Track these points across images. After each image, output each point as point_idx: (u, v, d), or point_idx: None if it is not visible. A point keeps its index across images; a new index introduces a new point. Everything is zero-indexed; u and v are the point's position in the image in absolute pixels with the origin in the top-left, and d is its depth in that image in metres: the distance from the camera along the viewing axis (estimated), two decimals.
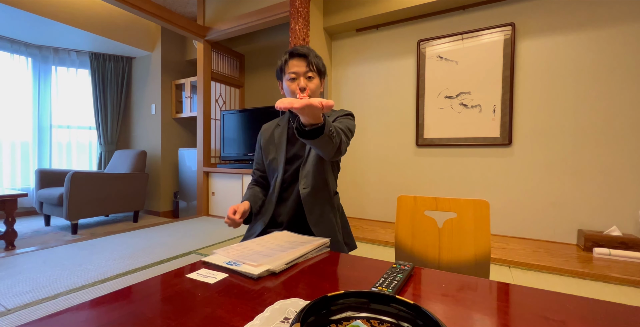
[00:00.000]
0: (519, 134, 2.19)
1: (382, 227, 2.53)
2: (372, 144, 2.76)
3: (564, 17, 2.04)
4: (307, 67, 1.01)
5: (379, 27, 2.68)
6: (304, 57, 1.01)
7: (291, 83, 1.01)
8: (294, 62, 1.02)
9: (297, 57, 1.02)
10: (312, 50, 1.03)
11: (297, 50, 1.02)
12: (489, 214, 1.07)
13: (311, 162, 1.16)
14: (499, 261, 1.74)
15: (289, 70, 1.01)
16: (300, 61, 1.01)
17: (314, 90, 1.03)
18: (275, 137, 1.20)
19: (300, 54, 1.01)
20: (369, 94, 2.77)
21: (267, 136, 1.21)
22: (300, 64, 1.01)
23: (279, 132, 1.19)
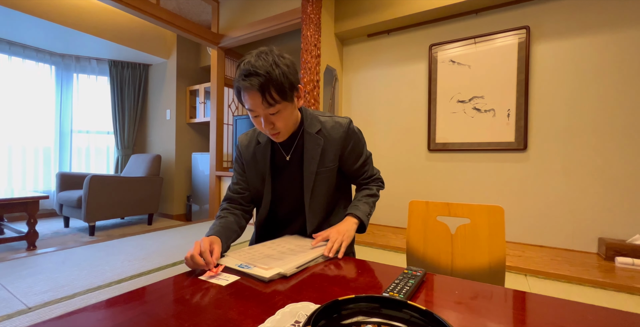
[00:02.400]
0: (534, 138, 2.14)
1: (393, 232, 2.50)
2: (383, 149, 2.74)
3: (581, 19, 2.00)
4: (264, 103, 0.76)
5: (390, 32, 2.69)
6: (256, 91, 0.75)
7: (256, 120, 0.82)
8: (247, 96, 0.77)
9: (247, 90, 0.76)
10: (270, 65, 0.76)
11: (245, 83, 0.75)
12: (503, 221, 1.05)
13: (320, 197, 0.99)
14: (514, 269, 1.69)
15: (246, 106, 0.80)
16: (254, 96, 0.76)
17: (285, 124, 0.83)
18: (258, 160, 0.98)
19: (250, 88, 0.75)
20: (380, 98, 2.77)
21: (249, 157, 0.99)
22: (255, 101, 0.77)
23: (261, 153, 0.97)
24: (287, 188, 1.01)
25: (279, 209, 1.05)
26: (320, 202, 1.01)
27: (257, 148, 0.98)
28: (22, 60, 3.27)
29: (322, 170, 0.97)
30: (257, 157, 0.98)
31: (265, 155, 0.97)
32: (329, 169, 0.98)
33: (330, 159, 0.98)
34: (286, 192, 1.01)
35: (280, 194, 1.02)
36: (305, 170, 0.96)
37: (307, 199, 0.98)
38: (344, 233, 0.87)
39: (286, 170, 0.99)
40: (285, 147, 0.97)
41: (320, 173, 0.98)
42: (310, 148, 0.95)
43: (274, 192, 1.02)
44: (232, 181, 1.04)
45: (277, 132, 0.84)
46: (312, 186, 0.97)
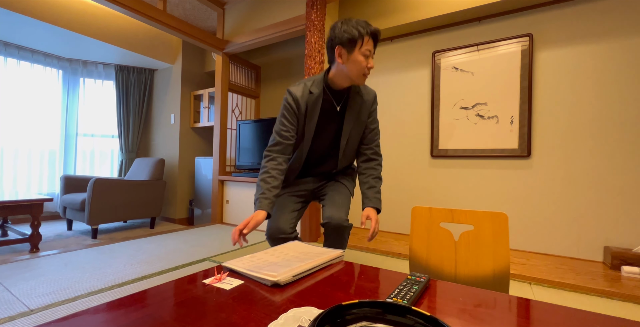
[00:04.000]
0: (538, 145, 2.13)
1: (395, 239, 2.48)
2: (385, 155, 2.74)
3: (583, 26, 2.01)
4: (374, 48, 1.13)
5: (394, 39, 2.71)
6: (377, 41, 1.12)
7: (364, 59, 1.10)
8: (370, 42, 1.10)
9: (374, 38, 1.11)
10: None
11: (371, 28, 1.09)
12: (507, 227, 1.04)
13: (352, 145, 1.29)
14: (518, 277, 1.67)
15: (366, 47, 1.09)
16: (369, 41, 1.10)
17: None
18: (310, 108, 1.19)
19: (377, 38, 1.11)
20: (383, 105, 2.78)
21: (302, 104, 1.19)
22: (372, 45, 1.11)
23: (313, 102, 1.19)
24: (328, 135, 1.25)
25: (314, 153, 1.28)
26: (350, 149, 1.30)
27: (310, 97, 1.18)
28: (31, 65, 3.32)
29: (359, 123, 1.26)
30: (309, 106, 1.19)
31: (317, 104, 1.19)
32: (363, 122, 1.28)
33: (365, 116, 1.27)
34: (326, 138, 1.25)
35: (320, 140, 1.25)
36: (346, 120, 1.23)
37: (342, 144, 1.25)
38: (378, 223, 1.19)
39: (332, 119, 1.23)
40: (336, 99, 1.22)
41: (357, 126, 1.26)
42: (354, 104, 1.23)
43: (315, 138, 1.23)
44: (281, 129, 1.19)
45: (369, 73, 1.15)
46: (349, 134, 1.25)
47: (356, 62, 1.10)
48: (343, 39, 1.09)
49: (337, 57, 1.12)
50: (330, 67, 1.18)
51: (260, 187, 1.11)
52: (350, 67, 1.12)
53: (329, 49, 1.16)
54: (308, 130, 1.21)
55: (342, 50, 1.11)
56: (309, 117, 1.19)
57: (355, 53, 1.10)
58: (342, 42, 1.10)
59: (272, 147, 1.18)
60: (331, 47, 1.14)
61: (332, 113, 1.22)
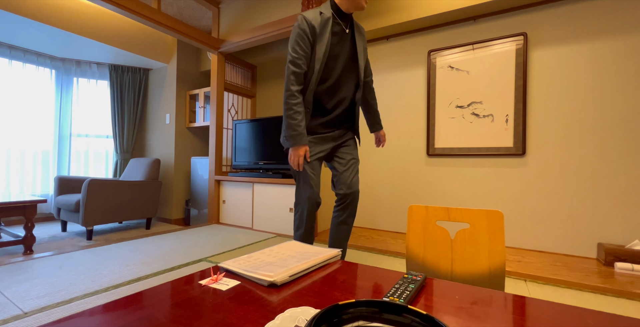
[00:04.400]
0: (533, 143, 2.15)
1: (392, 237, 2.49)
2: (382, 153, 2.75)
3: (578, 25, 2.02)
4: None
5: (389, 38, 2.72)
6: None
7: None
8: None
9: None
10: None
11: None
12: (503, 225, 1.05)
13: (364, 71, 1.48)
14: (514, 274, 1.68)
15: None
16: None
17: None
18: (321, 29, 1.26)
19: None
20: (379, 103, 2.78)
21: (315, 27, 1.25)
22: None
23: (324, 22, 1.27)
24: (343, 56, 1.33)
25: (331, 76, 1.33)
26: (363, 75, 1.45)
27: (321, 18, 1.26)
28: (23, 65, 3.28)
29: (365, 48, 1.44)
30: (320, 26, 1.26)
31: (327, 24, 1.26)
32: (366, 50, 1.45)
33: (365, 45, 1.45)
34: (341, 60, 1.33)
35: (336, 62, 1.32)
36: (358, 41, 1.36)
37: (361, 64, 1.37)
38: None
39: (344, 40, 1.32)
40: (343, 22, 1.32)
41: (364, 50, 1.43)
42: (358, 30, 1.38)
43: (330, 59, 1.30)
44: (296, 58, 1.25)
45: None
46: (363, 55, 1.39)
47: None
48: None
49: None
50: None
51: (291, 124, 1.24)
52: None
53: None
54: (320, 50, 1.26)
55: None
56: (319, 37, 1.26)
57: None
58: None
59: (290, 79, 1.26)
60: None
61: (342, 34, 1.31)
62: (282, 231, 2.66)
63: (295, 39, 1.26)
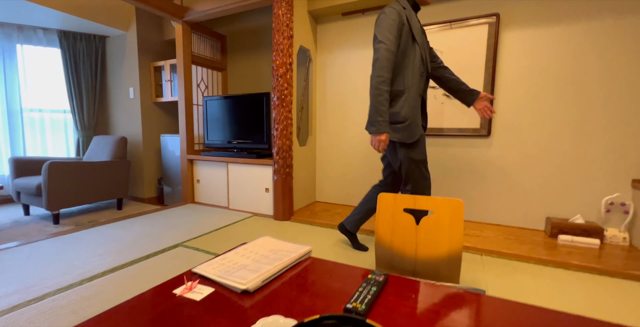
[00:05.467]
0: (498, 125, 2.25)
1: None
2: (356, 130, 2.78)
3: (547, 9, 2.04)
4: None
5: (365, 12, 2.61)
6: None
7: None
8: None
9: None
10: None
11: None
12: (462, 214, 1.14)
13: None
14: (472, 249, 1.86)
15: None
16: None
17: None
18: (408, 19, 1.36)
19: None
20: (355, 80, 2.74)
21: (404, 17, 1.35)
22: None
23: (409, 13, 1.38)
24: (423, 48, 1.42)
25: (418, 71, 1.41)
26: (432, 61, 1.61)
27: (406, 12, 1.35)
28: None
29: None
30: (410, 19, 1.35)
31: (413, 18, 1.37)
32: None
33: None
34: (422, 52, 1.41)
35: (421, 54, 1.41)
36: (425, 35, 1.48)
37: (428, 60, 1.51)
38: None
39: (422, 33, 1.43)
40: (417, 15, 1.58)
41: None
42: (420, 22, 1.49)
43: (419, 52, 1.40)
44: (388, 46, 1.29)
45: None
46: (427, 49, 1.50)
47: None
48: None
49: None
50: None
51: (381, 110, 1.30)
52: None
53: None
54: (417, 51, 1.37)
55: None
56: (414, 29, 1.35)
57: None
58: None
59: (382, 66, 1.28)
60: None
61: (420, 27, 1.42)
62: (259, 211, 2.71)
63: (388, 28, 1.29)
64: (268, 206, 2.63)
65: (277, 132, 2.37)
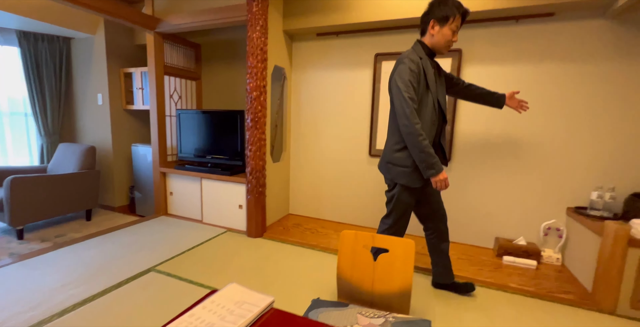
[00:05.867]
0: (457, 152, 2.44)
1: (335, 230, 2.75)
2: (329, 147, 2.88)
3: (502, 49, 2.21)
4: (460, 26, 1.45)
5: (339, 34, 2.68)
6: (465, 19, 1.44)
7: (452, 34, 1.43)
8: (459, 19, 1.42)
9: (463, 17, 1.43)
10: None
11: (466, 13, 1.43)
12: (413, 253, 1.28)
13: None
14: (427, 271, 2.04)
15: (456, 24, 1.41)
16: (460, 20, 1.43)
17: None
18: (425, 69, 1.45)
19: (466, 17, 1.44)
20: (329, 99, 2.83)
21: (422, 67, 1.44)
22: (459, 22, 1.43)
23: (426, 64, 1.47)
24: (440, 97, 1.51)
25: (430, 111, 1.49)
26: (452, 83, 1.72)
27: (423, 62, 1.44)
28: None
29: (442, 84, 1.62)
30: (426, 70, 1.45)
31: (429, 68, 1.46)
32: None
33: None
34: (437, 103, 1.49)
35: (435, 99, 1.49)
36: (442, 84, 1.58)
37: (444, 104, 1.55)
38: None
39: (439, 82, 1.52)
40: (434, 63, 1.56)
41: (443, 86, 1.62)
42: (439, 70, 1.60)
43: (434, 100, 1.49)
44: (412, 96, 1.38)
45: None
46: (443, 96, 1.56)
47: (445, 35, 1.42)
48: (438, 15, 1.40)
49: (429, 29, 1.44)
50: (421, 38, 1.52)
51: (429, 153, 1.38)
52: (439, 38, 1.43)
53: (424, 22, 1.47)
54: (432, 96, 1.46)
55: (436, 24, 1.42)
56: (429, 80, 1.44)
57: (445, 27, 1.40)
58: (437, 18, 1.41)
59: (413, 114, 1.36)
60: (426, 21, 1.45)
61: (436, 77, 1.51)
62: (232, 226, 2.77)
63: (407, 78, 1.37)
64: (241, 221, 2.71)
65: (250, 153, 2.43)
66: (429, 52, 1.49)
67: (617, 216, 1.97)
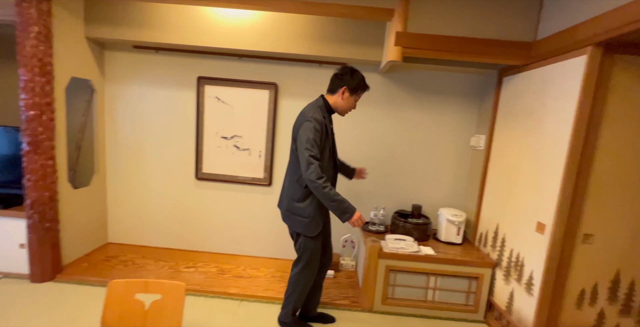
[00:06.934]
0: (277, 176, 2.65)
1: (158, 258, 2.56)
2: (153, 169, 2.67)
3: (311, 86, 2.52)
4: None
5: (159, 51, 2.51)
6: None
7: (354, 103, 1.67)
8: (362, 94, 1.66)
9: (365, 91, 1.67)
10: None
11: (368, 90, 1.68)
12: (184, 295, 1.29)
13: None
14: (235, 295, 2.13)
15: (360, 96, 1.66)
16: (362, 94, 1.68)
17: None
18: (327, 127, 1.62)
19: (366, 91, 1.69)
20: (152, 118, 2.61)
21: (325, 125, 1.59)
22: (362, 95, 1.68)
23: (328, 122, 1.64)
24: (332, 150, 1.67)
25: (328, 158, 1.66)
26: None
27: (324, 120, 1.59)
28: None
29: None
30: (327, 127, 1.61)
31: (329, 125, 1.63)
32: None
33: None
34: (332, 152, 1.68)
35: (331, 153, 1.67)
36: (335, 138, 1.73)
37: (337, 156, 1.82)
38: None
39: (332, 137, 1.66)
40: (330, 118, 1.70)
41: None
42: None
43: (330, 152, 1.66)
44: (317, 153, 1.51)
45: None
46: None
47: (350, 102, 1.65)
48: (351, 85, 1.59)
49: (340, 94, 1.60)
50: (327, 95, 1.68)
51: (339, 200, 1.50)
52: (346, 102, 1.63)
53: (335, 84, 1.62)
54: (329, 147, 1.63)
55: (346, 91, 1.60)
56: (330, 136, 1.63)
57: (354, 95, 1.63)
58: (349, 87, 1.59)
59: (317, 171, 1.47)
60: (338, 84, 1.60)
61: (332, 132, 1.67)
62: (12, 270, 2.22)
63: (312, 137, 1.49)
64: (25, 263, 2.20)
65: (30, 183, 2.00)
66: (329, 110, 1.66)
67: (387, 228, 2.54)
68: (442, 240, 2.36)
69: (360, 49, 2.28)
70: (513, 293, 1.88)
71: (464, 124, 2.57)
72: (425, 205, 2.64)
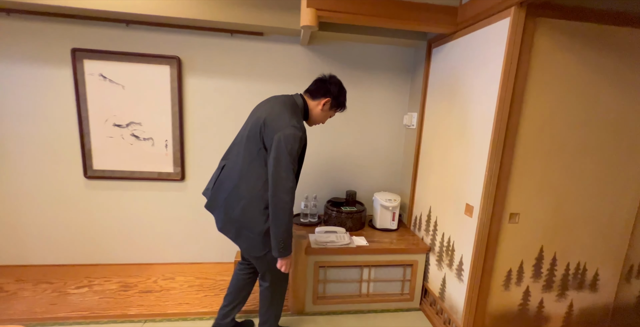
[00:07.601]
0: (192, 170, 2.25)
1: (39, 280, 2.06)
2: (26, 172, 2.10)
3: (220, 60, 2.14)
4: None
5: (12, 13, 1.90)
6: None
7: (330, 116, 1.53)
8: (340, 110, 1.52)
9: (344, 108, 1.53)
10: None
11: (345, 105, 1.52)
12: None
13: None
14: (139, 316, 1.76)
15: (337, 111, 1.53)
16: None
17: None
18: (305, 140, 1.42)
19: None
20: (11, 109, 2.02)
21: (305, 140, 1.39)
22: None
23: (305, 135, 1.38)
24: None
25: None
26: None
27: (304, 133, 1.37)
28: None
29: None
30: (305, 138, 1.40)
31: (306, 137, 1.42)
32: None
33: None
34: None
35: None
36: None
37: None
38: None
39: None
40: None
41: None
42: None
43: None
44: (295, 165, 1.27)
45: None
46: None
47: (327, 115, 1.50)
48: (337, 99, 1.46)
49: (321, 104, 1.43)
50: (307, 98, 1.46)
51: (291, 234, 1.29)
52: (322, 114, 1.47)
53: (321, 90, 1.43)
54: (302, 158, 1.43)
55: (328, 103, 1.44)
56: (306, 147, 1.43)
57: (332, 110, 1.48)
58: (333, 99, 1.44)
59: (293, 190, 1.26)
60: (323, 92, 1.43)
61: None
62: None
63: (297, 149, 1.27)
64: None
65: None
66: (304, 115, 1.45)
67: (321, 218, 2.32)
68: (377, 227, 2.21)
69: (278, 16, 1.94)
70: (445, 279, 1.79)
71: (396, 101, 2.40)
72: (361, 190, 2.48)
